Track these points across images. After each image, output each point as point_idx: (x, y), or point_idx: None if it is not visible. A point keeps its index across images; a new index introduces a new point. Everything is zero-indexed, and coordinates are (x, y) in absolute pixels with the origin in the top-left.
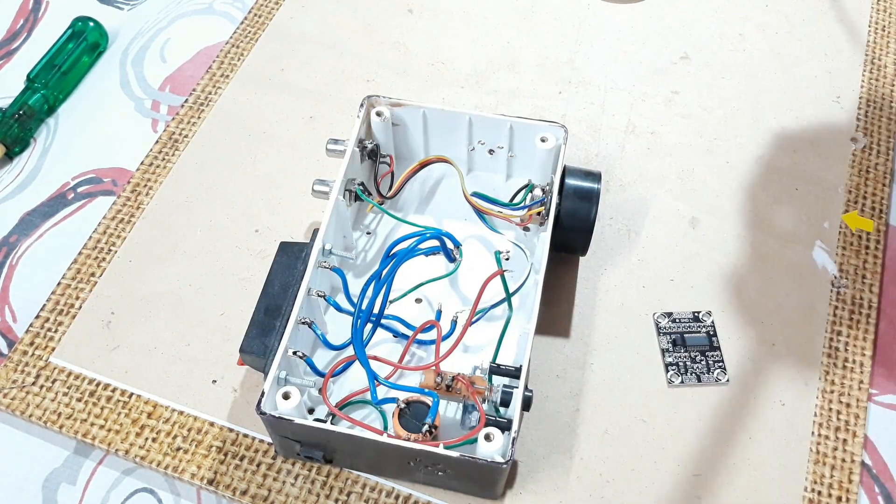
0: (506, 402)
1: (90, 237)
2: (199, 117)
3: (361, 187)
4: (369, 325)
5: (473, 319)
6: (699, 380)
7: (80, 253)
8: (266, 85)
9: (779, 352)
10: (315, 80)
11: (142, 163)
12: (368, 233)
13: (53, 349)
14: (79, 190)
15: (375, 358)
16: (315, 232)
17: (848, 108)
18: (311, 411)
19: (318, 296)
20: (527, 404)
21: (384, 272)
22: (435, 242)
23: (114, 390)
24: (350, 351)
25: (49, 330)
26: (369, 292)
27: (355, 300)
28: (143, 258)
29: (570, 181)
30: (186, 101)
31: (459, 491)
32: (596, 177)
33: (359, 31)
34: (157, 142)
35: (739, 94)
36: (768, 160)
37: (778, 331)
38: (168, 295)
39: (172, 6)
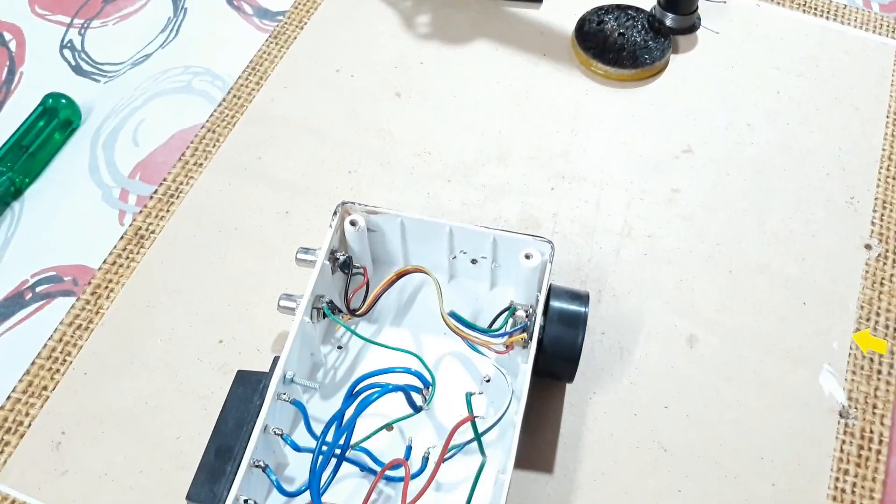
0: None
1: (45, 345)
2: (167, 210)
3: (330, 305)
4: (333, 461)
5: (447, 456)
6: None
7: (32, 363)
8: (241, 175)
9: (779, 493)
10: (293, 171)
11: (104, 261)
12: (339, 347)
13: None
14: (37, 289)
15: None
16: (275, 360)
17: (862, 211)
18: None
19: (276, 434)
20: None
21: (347, 413)
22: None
23: None
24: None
25: None
26: (331, 434)
27: (318, 432)
28: (99, 370)
29: (555, 304)
30: (156, 191)
31: None
32: (584, 299)
33: (342, 115)
34: (122, 237)
35: (745, 194)
36: (774, 269)
37: (779, 468)
38: (122, 412)
39: (149, 83)
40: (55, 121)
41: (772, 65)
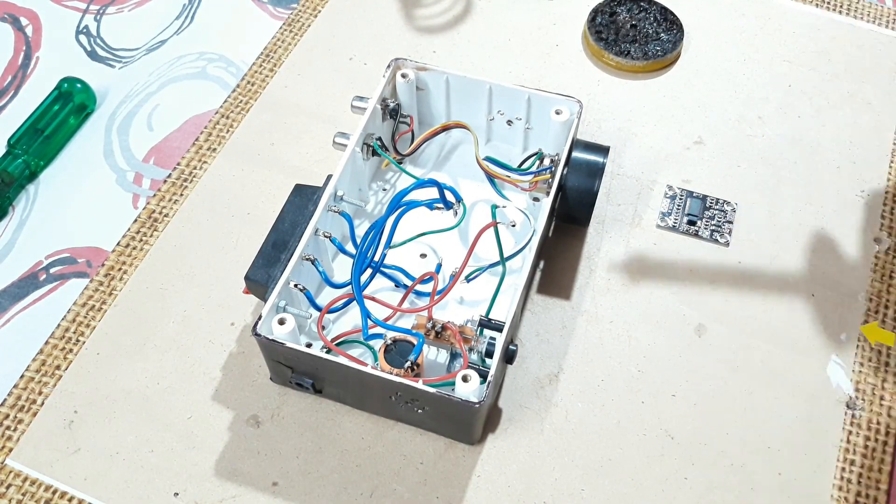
0: (490, 353)
1: (58, 325)
2: (181, 194)
3: (379, 142)
4: (369, 271)
5: (472, 275)
6: None
7: (46, 343)
8: (254, 160)
9: (785, 482)
10: (305, 157)
11: (118, 244)
12: (385, 189)
13: (11, 450)
14: (51, 271)
15: (372, 298)
16: (329, 177)
17: (873, 204)
18: (308, 346)
19: (325, 237)
20: (509, 357)
21: (387, 221)
22: (437, 195)
23: (70, 499)
24: (349, 291)
25: (8, 428)
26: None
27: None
28: (112, 351)
29: (577, 154)
30: (170, 175)
31: (438, 432)
32: (604, 151)
33: None
34: (135, 220)
35: (755, 186)
36: (784, 261)
37: (785, 458)
38: (134, 393)
39: (164, 68)
40: (70, 105)
41: (784, 58)
